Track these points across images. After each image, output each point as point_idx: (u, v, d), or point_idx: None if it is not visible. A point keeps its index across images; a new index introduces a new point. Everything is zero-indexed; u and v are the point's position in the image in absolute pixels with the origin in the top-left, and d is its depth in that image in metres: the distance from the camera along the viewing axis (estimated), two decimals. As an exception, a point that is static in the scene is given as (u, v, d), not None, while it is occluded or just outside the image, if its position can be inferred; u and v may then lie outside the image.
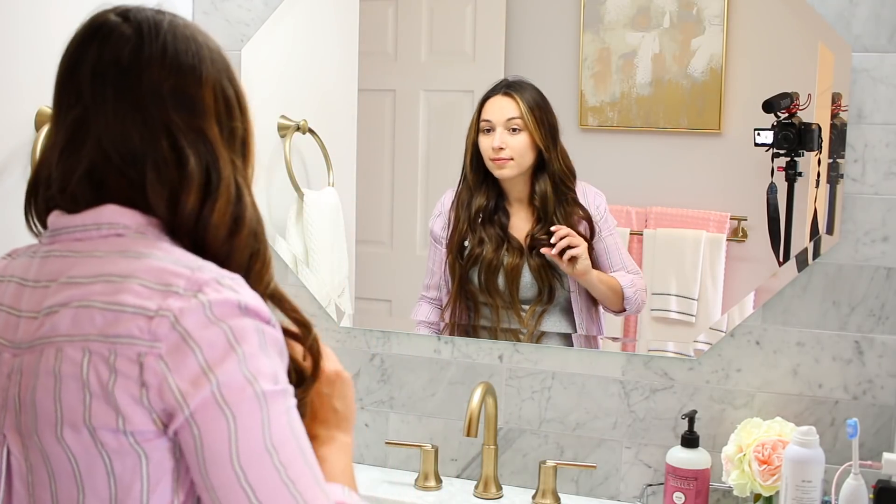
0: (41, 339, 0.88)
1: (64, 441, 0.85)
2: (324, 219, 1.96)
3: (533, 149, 1.79)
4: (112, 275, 0.88)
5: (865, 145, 1.57)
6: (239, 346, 0.85)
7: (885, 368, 1.61)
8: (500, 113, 1.79)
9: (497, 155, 1.79)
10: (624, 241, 1.82)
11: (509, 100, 1.79)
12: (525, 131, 1.78)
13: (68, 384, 0.85)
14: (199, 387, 0.83)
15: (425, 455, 1.81)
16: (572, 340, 1.82)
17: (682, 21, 1.74)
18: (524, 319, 1.83)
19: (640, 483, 1.75)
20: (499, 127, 1.78)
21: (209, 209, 0.92)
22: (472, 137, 1.82)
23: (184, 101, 0.92)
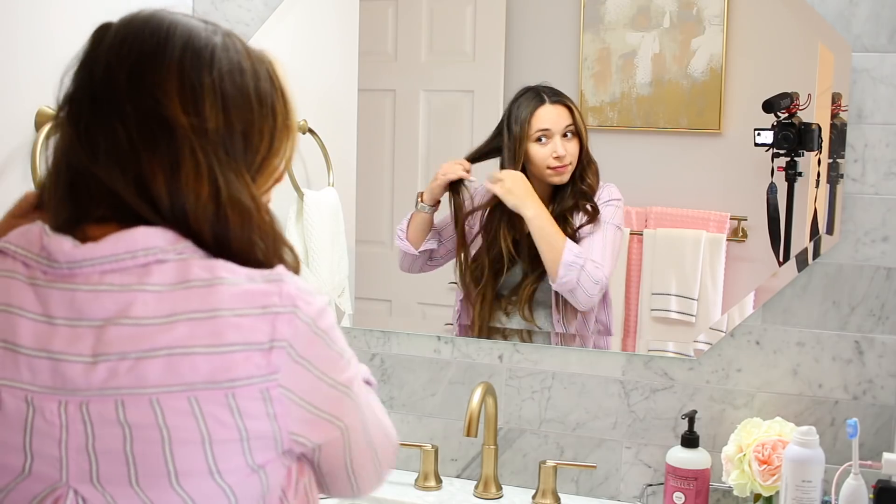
0: (119, 390, 0.81)
1: (182, 489, 0.82)
2: (324, 219, 1.96)
3: (585, 149, 1.80)
4: (193, 312, 0.81)
5: (865, 145, 1.57)
6: (335, 346, 0.91)
7: (885, 368, 1.60)
8: (557, 121, 1.78)
9: (559, 163, 1.79)
10: (624, 242, 1.82)
11: (561, 107, 1.79)
12: (577, 137, 1.79)
13: (180, 436, 0.80)
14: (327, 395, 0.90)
15: (425, 455, 1.81)
16: (550, 338, 1.82)
17: (682, 21, 1.74)
18: (509, 309, 1.85)
19: (640, 483, 1.75)
20: (557, 135, 1.78)
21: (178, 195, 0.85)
22: (525, 147, 1.79)
23: (142, 86, 0.85)
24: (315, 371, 0.87)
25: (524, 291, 1.84)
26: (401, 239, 1.91)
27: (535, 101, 1.79)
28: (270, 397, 0.83)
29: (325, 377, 0.88)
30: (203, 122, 0.86)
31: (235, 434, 0.82)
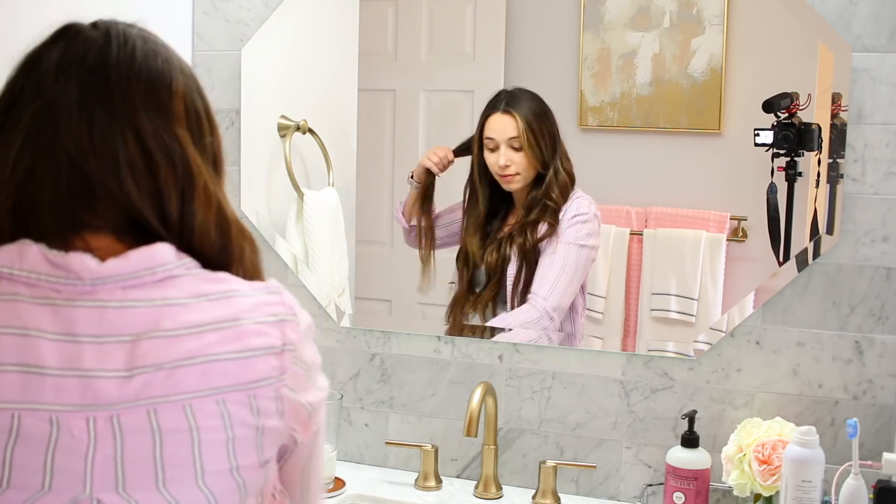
0: (152, 399, 0.83)
1: (206, 486, 0.86)
2: (324, 219, 1.96)
3: (535, 162, 1.80)
4: (219, 322, 0.87)
5: (865, 145, 1.57)
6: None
7: (885, 368, 1.61)
8: (502, 131, 1.81)
9: (504, 172, 1.81)
10: (624, 242, 1.82)
11: (509, 118, 1.80)
12: (524, 149, 1.80)
13: (209, 437, 0.85)
14: (314, 397, 0.95)
15: (425, 455, 1.81)
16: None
17: (682, 21, 1.74)
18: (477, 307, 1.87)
19: (640, 483, 1.75)
20: (502, 145, 1.80)
21: (190, 213, 0.89)
22: (477, 154, 1.83)
23: (154, 105, 0.89)
24: (308, 373, 0.94)
25: (484, 295, 1.87)
26: (398, 211, 1.95)
27: (490, 107, 1.83)
28: (280, 396, 0.90)
29: (312, 379, 0.96)
30: (201, 142, 0.93)
31: (253, 432, 0.88)
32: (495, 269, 1.85)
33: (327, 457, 1.76)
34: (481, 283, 1.88)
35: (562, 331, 1.82)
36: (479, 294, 1.87)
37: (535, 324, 1.80)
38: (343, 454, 1.92)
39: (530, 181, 1.82)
